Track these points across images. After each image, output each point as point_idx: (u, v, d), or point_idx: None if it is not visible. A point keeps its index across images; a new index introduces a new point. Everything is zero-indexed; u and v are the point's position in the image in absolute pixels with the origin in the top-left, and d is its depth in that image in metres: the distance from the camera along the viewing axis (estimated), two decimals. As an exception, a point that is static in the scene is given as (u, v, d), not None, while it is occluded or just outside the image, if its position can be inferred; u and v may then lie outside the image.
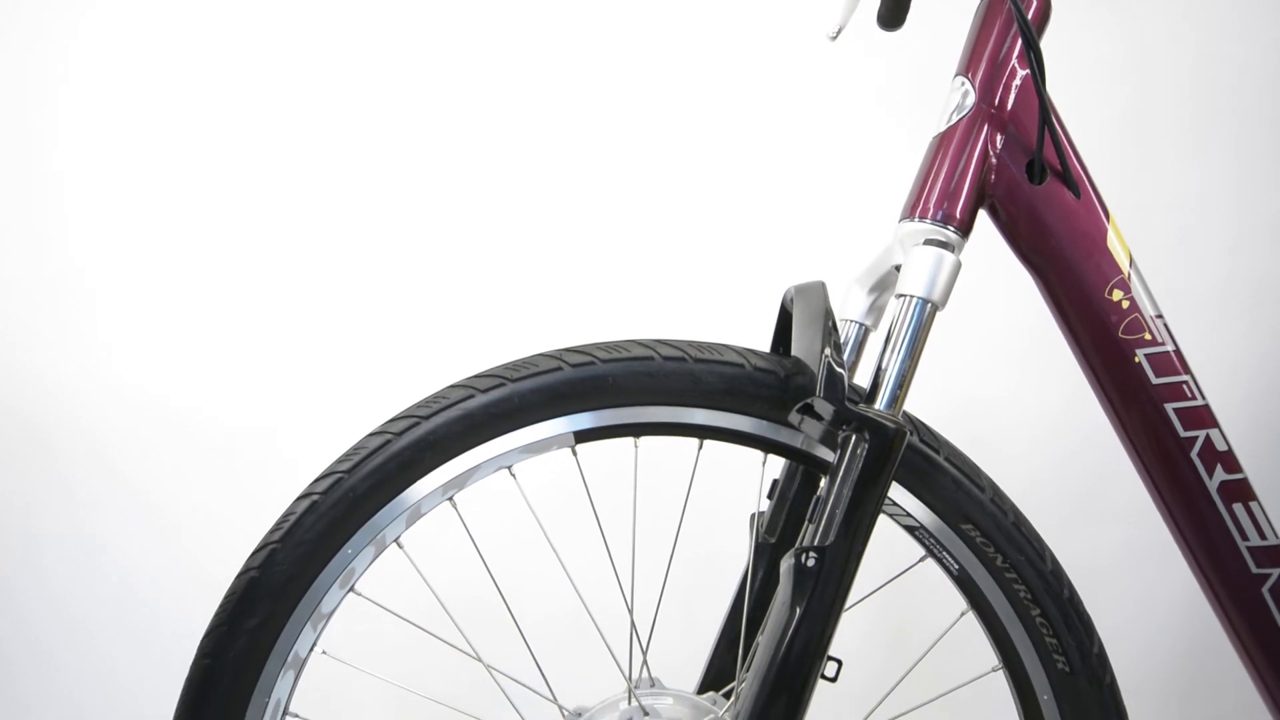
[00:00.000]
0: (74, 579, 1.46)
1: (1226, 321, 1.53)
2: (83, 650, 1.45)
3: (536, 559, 0.96)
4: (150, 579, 1.45)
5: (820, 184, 1.53)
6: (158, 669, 1.41)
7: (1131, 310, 0.75)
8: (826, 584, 0.68)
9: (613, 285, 1.51)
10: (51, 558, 1.45)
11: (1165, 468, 0.76)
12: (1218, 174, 1.54)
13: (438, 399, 0.77)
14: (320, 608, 0.75)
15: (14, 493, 1.46)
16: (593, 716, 0.79)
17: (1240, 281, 1.54)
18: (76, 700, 1.44)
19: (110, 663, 1.45)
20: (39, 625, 1.45)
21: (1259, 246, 1.54)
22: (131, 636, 1.45)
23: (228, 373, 1.48)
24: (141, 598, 1.45)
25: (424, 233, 1.51)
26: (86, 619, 1.46)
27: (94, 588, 1.46)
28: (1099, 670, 0.76)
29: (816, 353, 0.71)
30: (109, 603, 1.45)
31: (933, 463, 0.78)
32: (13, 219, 1.46)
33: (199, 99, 1.47)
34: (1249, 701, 1.40)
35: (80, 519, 1.46)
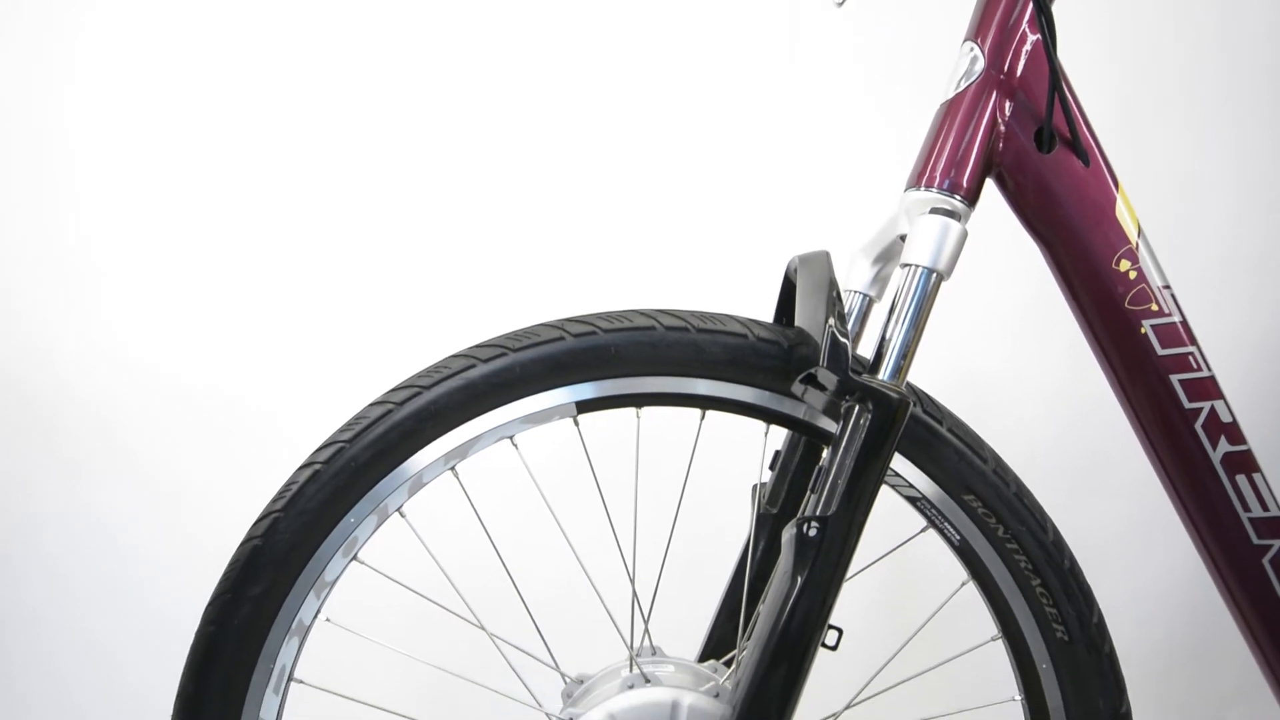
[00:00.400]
0: (73, 553, 1.46)
1: (1231, 292, 1.52)
2: (82, 625, 1.46)
3: (539, 529, 0.97)
4: (150, 553, 1.46)
5: (825, 152, 1.51)
6: (157, 642, 1.43)
7: (1139, 281, 0.74)
8: (828, 554, 0.68)
9: (616, 255, 1.50)
10: (51, 533, 1.46)
11: (1169, 439, 0.76)
12: (1220, 148, 1.52)
13: (439, 369, 0.77)
14: (323, 576, 0.75)
15: (15, 467, 1.46)
16: (595, 684, 0.79)
17: (1244, 251, 1.53)
18: (75, 674, 1.46)
19: (109, 636, 1.46)
20: (38, 600, 1.46)
21: (1261, 220, 1.53)
22: (130, 611, 1.46)
23: (229, 346, 1.48)
24: (141, 572, 1.46)
25: (425, 204, 1.49)
26: (85, 593, 1.46)
27: (93, 562, 1.46)
28: (1098, 640, 0.77)
29: (820, 323, 0.70)
30: (108, 577, 1.46)
31: (935, 434, 0.77)
32: (19, 194, 1.45)
33: (204, 78, 1.45)
34: (1246, 672, 1.42)
35: (80, 494, 1.46)
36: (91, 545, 1.46)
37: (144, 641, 1.45)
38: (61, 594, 1.46)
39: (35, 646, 1.46)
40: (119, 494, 1.46)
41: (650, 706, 0.73)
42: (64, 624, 1.46)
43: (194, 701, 0.73)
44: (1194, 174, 1.53)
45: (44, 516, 1.47)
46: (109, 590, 1.46)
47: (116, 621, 1.46)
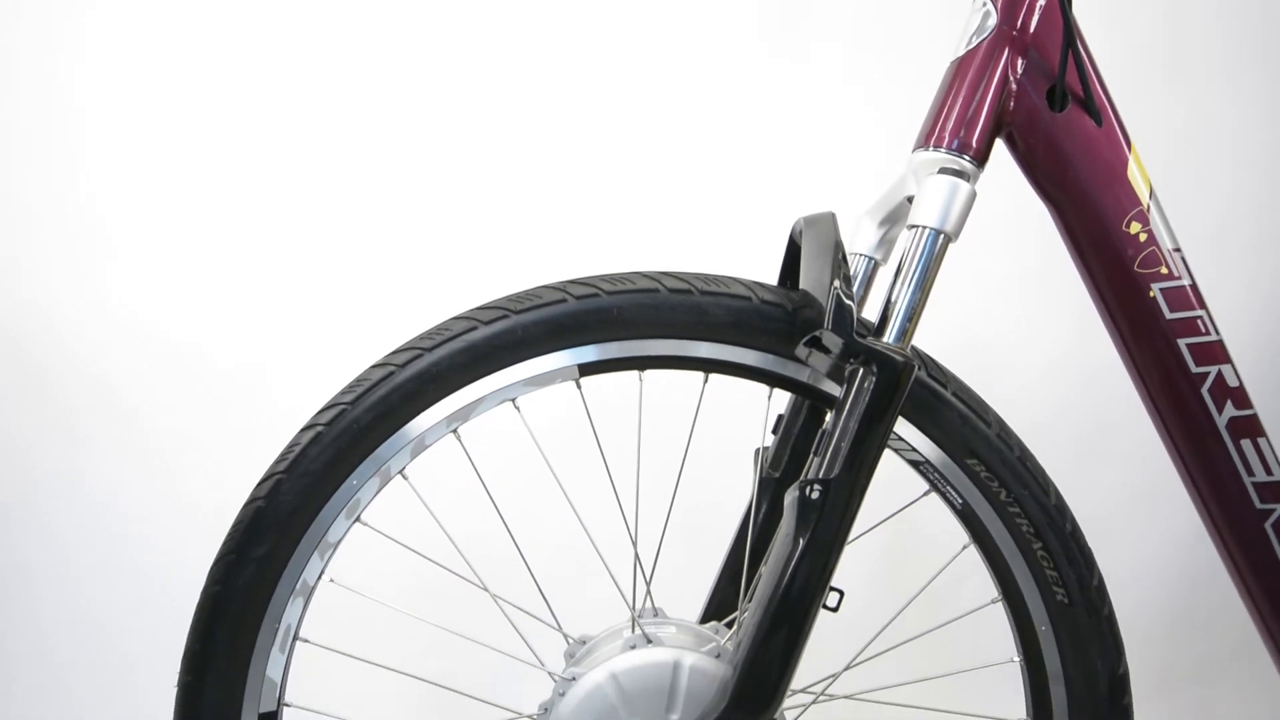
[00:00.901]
0: (70, 514, 1.47)
1: (1243, 255, 1.50)
2: (80, 589, 1.47)
3: (541, 491, 0.97)
4: (148, 516, 1.47)
5: (832, 113, 1.49)
6: (157, 604, 1.44)
7: (1149, 243, 0.73)
8: (830, 517, 0.68)
9: (619, 217, 1.49)
10: (47, 494, 1.47)
11: (1174, 403, 0.75)
12: (1235, 108, 1.50)
13: (441, 331, 0.76)
14: (327, 537, 0.76)
15: (13, 430, 1.47)
16: (597, 644, 0.80)
17: (1258, 214, 1.51)
18: (75, 635, 1.47)
19: (109, 599, 1.47)
20: (33, 563, 1.47)
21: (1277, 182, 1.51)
22: (129, 573, 1.47)
23: (230, 309, 1.48)
24: (140, 536, 1.47)
25: (427, 165, 1.48)
26: (83, 557, 1.47)
27: (91, 525, 1.47)
28: (1098, 602, 0.77)
29: (825, 285, 0.69)
30: (106, 540, 1.47)
31: (939, 397, 0.77)
32: (20, 150, 1.44)
33: (208, 43, 1.43)
34: (1242, 636, 1.43)
35: (79, 457, 1.47)
36: (89, 508, 1.47)
37: (144, 604, 1.46)
38: (58, 558, 1.47)
39: (34, 608, 1.47)
40: (117, 457, 1.47)
41: (652, 666, 0.74)
42: (62, 586, 1.47)
43: (200, 660, 0.74)
44: (1209, 134, 1.50)
45: (39, 475, 1.47)
46: (107, 553, 1.47)
47: (116, 584, 1.47)
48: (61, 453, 1.47)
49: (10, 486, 1.47)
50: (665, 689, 0.74)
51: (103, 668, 1.46)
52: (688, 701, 0.73)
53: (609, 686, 0.74)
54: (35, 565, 1.47)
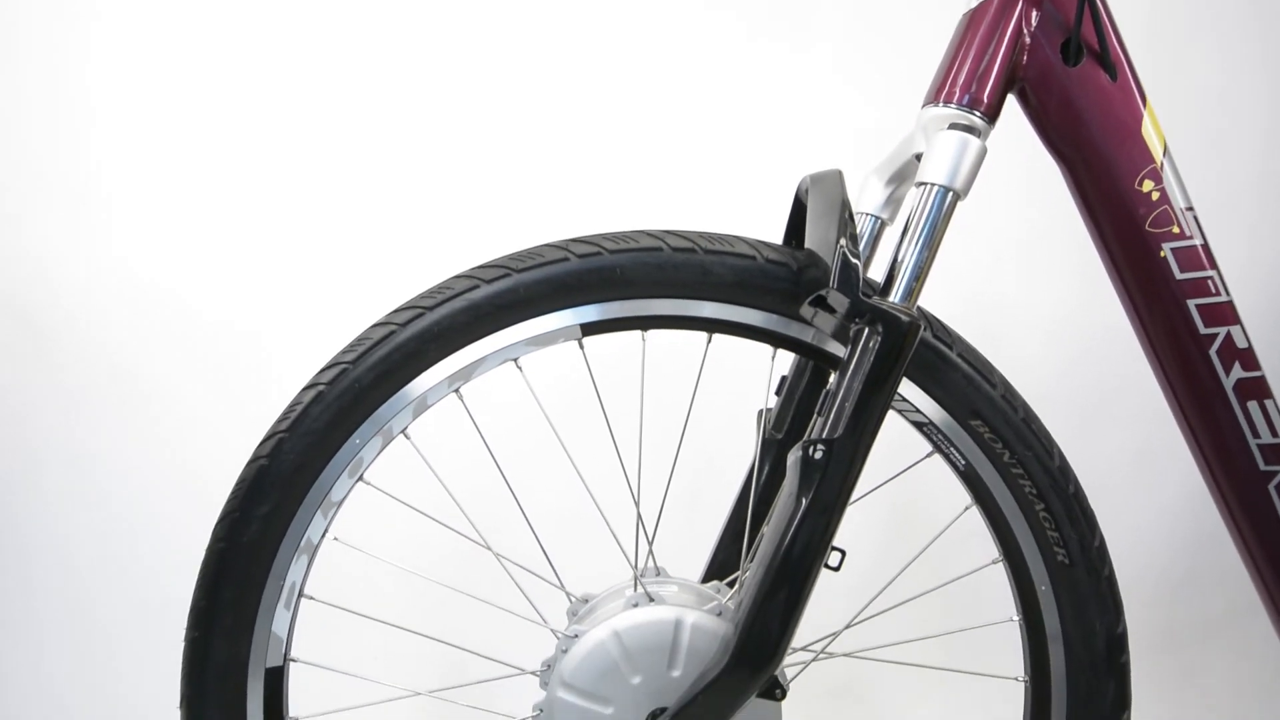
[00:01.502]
0: (67, 474, 1.48)
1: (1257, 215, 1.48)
2: (77, 553, 1.48)
3: (544, 452, 0.97)
4: (148, 479, 1.47)
5: (840, 69, 1.46)
6: (156, 566, 1.45)
7: (1161, 202, 0.72)
8: (833, 476, 0.68)
9: (622, 175, 1.47)
10: (46, 454, 1.47)
11: (1181, 364, 0.75)
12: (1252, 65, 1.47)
13: (442, 290, 0.76)
14: (330, 496, 0.76)
15: (12, 391, 1.47)
16: (599, 603, 0.81)
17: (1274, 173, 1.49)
18: (75, 597, 1.49)
19: (106, 563, 1.48)
20: (32, 528, 1.48)
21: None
22: (127, 537, 1.48)
23: (231, 269, 1.47)
24: (139, 497, 1.47)
25: (428, 124, 1.46)
26: (81, 517, 1.48)
27: (87, 486, 1.47)
28: (1098, 563, 0.77)
29: (831, 243, 0.68)
30: (106, 502, 1.48)
31: (945, 358, 0.77)
32: (25, 115, 1.42)
33: (206, 9, 1.41)
34: (1238, 597, 1.44)
35: (76, 419, 1.47)
36: (84, 463, 1.47)
37: (145, 566, 1.47)
38: (53, 515, 1.48)
39: (32, 573, 1.48)
40: (117, 420, 1.47)
41: (654, 624, 0.75)
42: (59, 550, 1.48)
43: (207, 615, 0.74)
44: (1227, 92, 1.47)
45: (36, 436, 1.47)
46: (106, 517, 1.48)
47: (114, 548, 1.48)
48: (60, 417, 1.47)
49: (9, 451, 1.47)
50: (667, 646, 0.74)
51: (105, 630, 1.48)
52: (689, 658, 0.74)
53: (611, 644, 0.74)
54: (34, 530, 1.48)
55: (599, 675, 0.74)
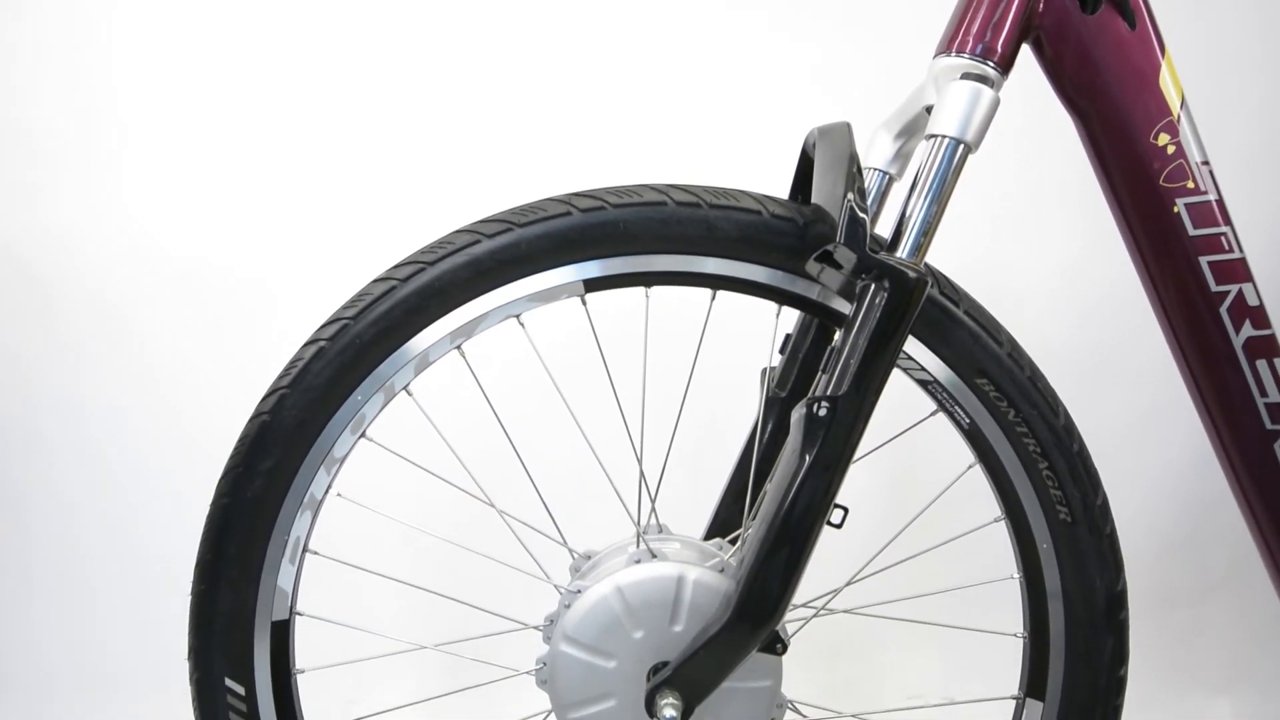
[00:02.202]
0: (67, 430, 1.48)
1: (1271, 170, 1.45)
2: (77, 508, 1.49)
3: (546, 409, 0.97)
4: (147, 432, 1.48)
5: (850, 19, 1.43)
6: (155, 523, 1.46)
7: (1177, 156, 0.70)
8: (837, 434, 0.67)
9: (626, 128, 1.45)
10: (45, 409, 1.47)
11: (1191, 322, 0.74)
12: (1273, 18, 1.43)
13: (443, 244, 0.75)
14: (333, 452, 0.76)
15: (14, 347, 1.47)
16: (602, 559, 0.81)
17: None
18: (77, 553, 1.50)
19: (106, 518, 1.49)
20: (29, 479, 1.49)
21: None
22: (128, 493, 1.49)
23: (232, 226, 1.46)
24: (141, 454, 1.48)
25: (430, 75, 1.43)
26: (81, 473, 1.49)
27: (87, 441, 1.48)
28: (1100, 521, 0.78)
29: (839, 198, 0.67)
30: (103, 454, 1.48)
31: (951, 316, 0.76)
32: (30, 71, 1.40)
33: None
34: (1238, 557, 1.45)
35: (74, 369, 1.47)
36: (85, 424, 1.47)
37: (145, 524, 1.49)
38: (54, 477, 1.49)
39: (32, 528, 1.50)
40: (118, 377, 1.47)
41: (656, 580, 0.75)
42: (59, 505, 1.49)
43: (212, 569, 0.75)
44: (1244, 41, 1.43)
45: (38, 397, 1.48)
46: (106, 473, 1.48)
47: (114, 503, 1.49)
48: (60, 372, 1.47)
49: (8, 406, 1.47)
50: (669, 602, 0.75)
51: (105, 584, 1.49)
52: (691, 614, 0.74)
53: (614, 599, 0.75)
54: (33, 486, 1.49)
55: (602, 630, 0.75)
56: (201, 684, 0.75)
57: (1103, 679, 0.78)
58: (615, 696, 0.75)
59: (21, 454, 1.48)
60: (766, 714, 0.76)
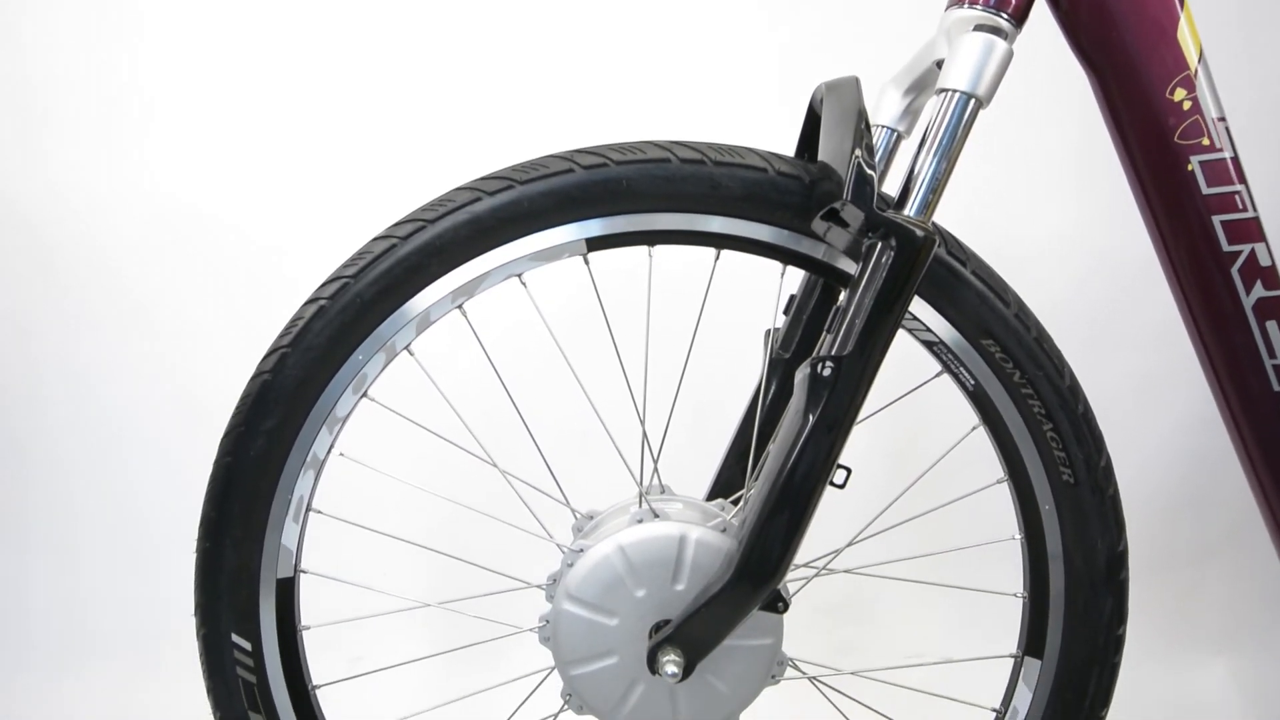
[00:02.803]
0: (68, 387, 1.48)
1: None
2: (77, 468, 1.50)
3: (549, 370, 0.97)
4: (148, 391, 1.48)
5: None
6: (156, 481, 1.47)
7: (1193, 112, 0.68)
8: (841, 394, 0.67)
9: (631, 85, 1.42)
10: (46, 367, 1.47)
11: (1201, 282, 0.73)
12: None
13: (444, 202, 0.74)
14: (335, 412, 0.76)
15: (15, 306, 1.46)
16: (604, 519, 0.81)
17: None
18: (79, 514, 1.51)
19: (105, 476, 1.50)
20: (30, 437, 1.49)
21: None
22: (127, 454, 1.49)
23: (235, 181, 1.44)
24: (138, 411, 1.48)
25: (432, 29, 1.40)
26: (82, 434, 1.49)
27: (88, 399, 1.48)
28: (1103, 482, 0.77)
29: (846, 154, 0.66)
30: (104, 413, 1.48)
31: (958, 276, 0.75)
32: (35, 30, 1.38)
33: None
34: (1238, 520, 1.45)
35: (75, 328, 1.46)
36: (86, 381, 1.47)
37: (145, 482, 1.49)
38: (54, 434, 1.49)
39: (32, 489, 1.50)
40: (119, 332, 1.46)
41: (658, 540, 0.75)
42: (59, 466, 1.50)
43: (217, 527, 0.75)
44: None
45: (39, 352, 1.47)
46: (105, 434, 1.49)
47: (114, 463, 1.49)
48: (62, 331, 1.46)
49: (10, 364, 1.47)
50: (671, 561, 0.75)
51: (106, 541, 1.51)
52: (693, 573, 0.75)
53: (616, 558, 0.75)
54: (33, 443, 1.49)
55: (604, 588, 0.75)
56: (208, 639, 0.76)
57: (1101, 637, 0.78)
58: (617, 653, 0.75)
59: (23, 414, 1.48)
60: (767, 671, 0.77)
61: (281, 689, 0.78)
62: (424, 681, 1.27)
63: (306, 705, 0.79)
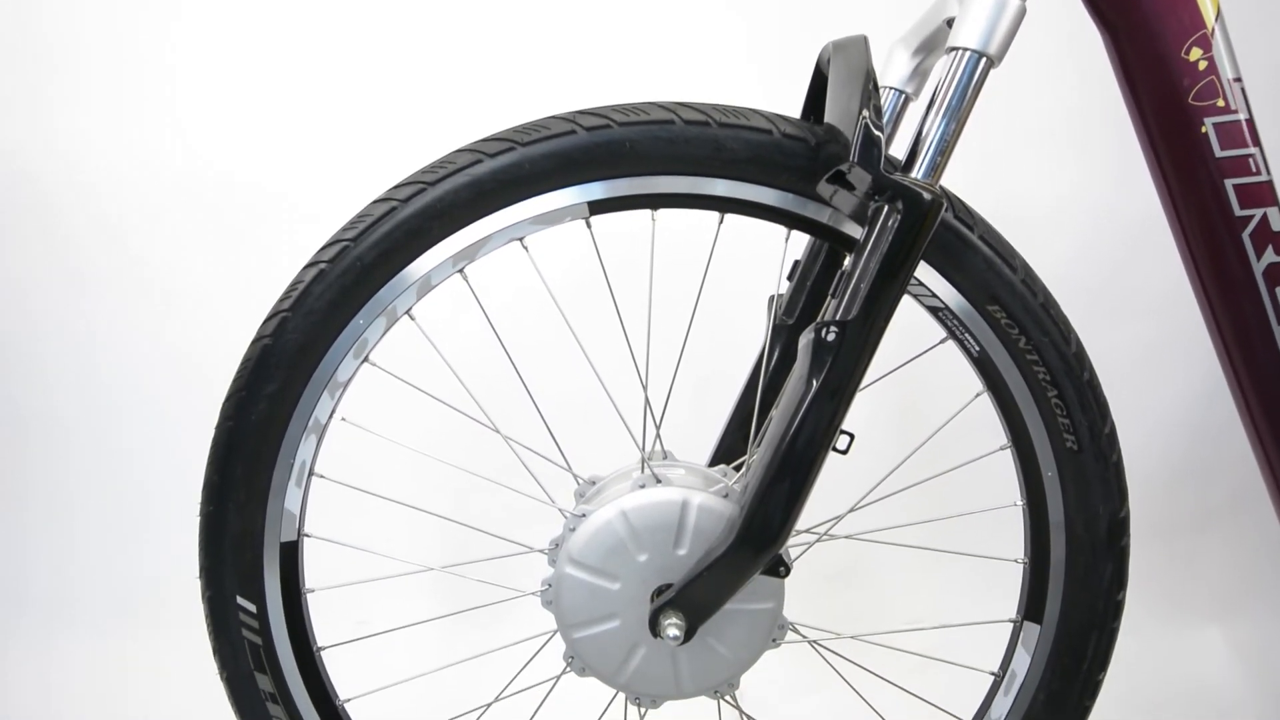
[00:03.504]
0: (67, 348, 1.48)
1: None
2: (76, 430, 1.50)
3: (551, 335, 0.96)
4: (148, 353, 1.48)
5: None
6: (156, 444, 1.47)
7: (1208, 72, 0.67)
8: (845, 359, 0.67)
9: (634, 45, 1.40)
10: (47, 327, 1.47)
11: (1211, 247, 0.72)
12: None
13: (444, 164, 0.73)
14: (336, 376, 0.75)
15: (12, 261, 1.45)
16: (607, 484, 0.81)
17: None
18: (81, 479, 1.51)
19: (104, 438, 1.50)
20: (29, 398, 1.49)
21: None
22: (127, 416, 1.49)
23: (237, 141, 1.43)
24: (138, 373, 1.48)
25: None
26: (80, 398, 1.49)
27: (86, 361, 1.48)
28: (1107, 449, 0.77)
29: (853, 114, 0.65)
30: (104, 376, 1.48)
31: (965, 240, 0.74)
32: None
33: None
34: (1239, 489, 1.45)
35: (80, 291, 1.46)
36: (89, 351, 1.47)
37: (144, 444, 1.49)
38: (58, 394, 1.49)
39: (31, 450, 1.51)
40: (120, 293, 1.46)
41: (661, 505, 0.76)
42: (59, 427, 1.50)
43: (220, 491, 0.75)
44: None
45: (40, 315, 1.47)
46: (104, 396, 1.49)
47: (112, 425, 1.49)
48: (63, 291, 1.46)
49: (10, 324, 1.47)
50: (673, 526, 0.75)
51: (104, 505, 1.51)
52: (695, 538, 0.75)
53: (619, 523, 0.75)
54: (31, 403, 1.49)
55: (606, 552, 0.76)
56: (214, 601, 0.77)
57: (1101, 603, 0.79)
58: (619, 617, 0.76)
59: (22, 375, 1.48)
60: (768, 635, 0.77)
61: (287, 650, 0.79)
62: (427, 645, 1.29)
63: (312, 666, 0.80)
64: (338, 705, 0.81)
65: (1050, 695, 0.80)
